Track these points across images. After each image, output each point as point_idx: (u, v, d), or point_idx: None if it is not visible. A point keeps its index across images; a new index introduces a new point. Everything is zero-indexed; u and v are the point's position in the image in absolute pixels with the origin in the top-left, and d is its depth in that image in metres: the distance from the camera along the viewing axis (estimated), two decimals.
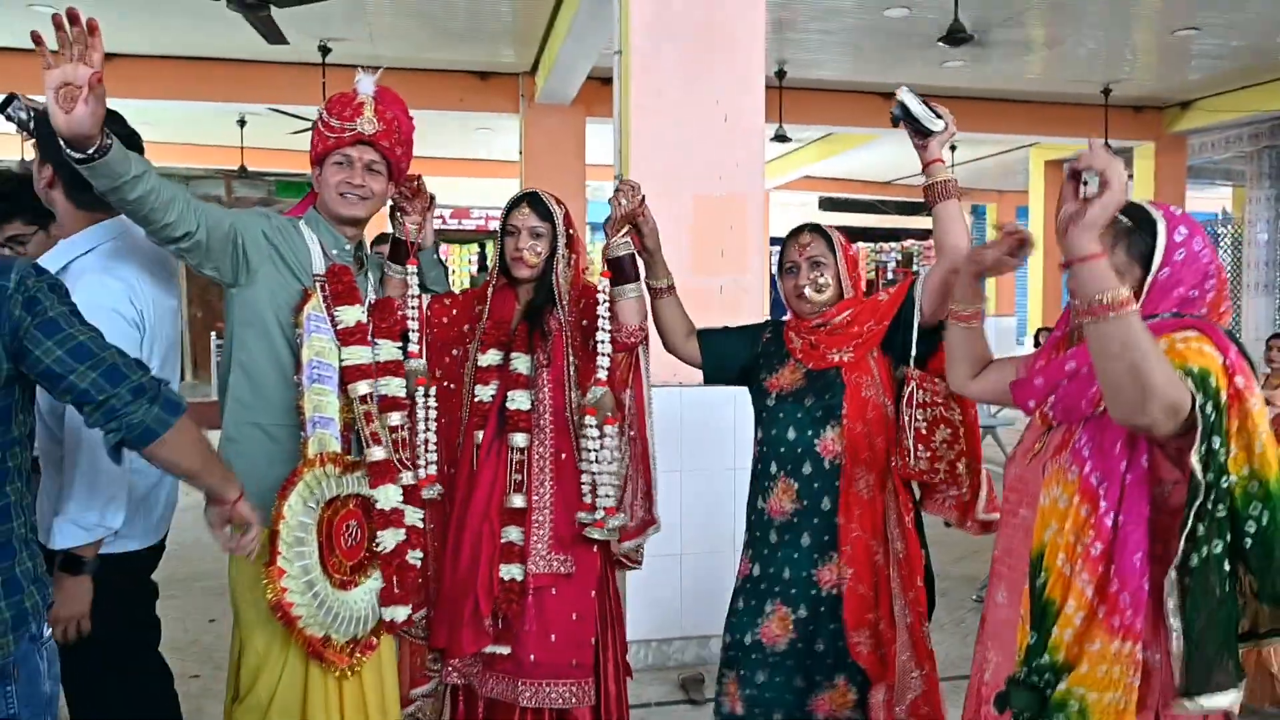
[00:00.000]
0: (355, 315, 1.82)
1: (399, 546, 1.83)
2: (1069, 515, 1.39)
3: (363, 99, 1.87)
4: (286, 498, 1.66)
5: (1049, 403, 1.51)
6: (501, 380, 2.06)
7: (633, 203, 1.98)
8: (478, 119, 8.51)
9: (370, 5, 6.15)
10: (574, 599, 2.05)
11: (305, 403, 1.73)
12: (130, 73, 7.28)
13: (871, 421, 1.94)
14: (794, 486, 1.97)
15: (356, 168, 1.87)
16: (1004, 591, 1.56)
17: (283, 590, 1.63)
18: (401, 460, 1.88)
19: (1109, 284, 1.25)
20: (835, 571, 1.94)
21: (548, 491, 2.05)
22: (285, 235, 1.85)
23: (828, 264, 2.00)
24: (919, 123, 1.82)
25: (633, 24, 3.50)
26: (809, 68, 7.68)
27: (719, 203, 3.57)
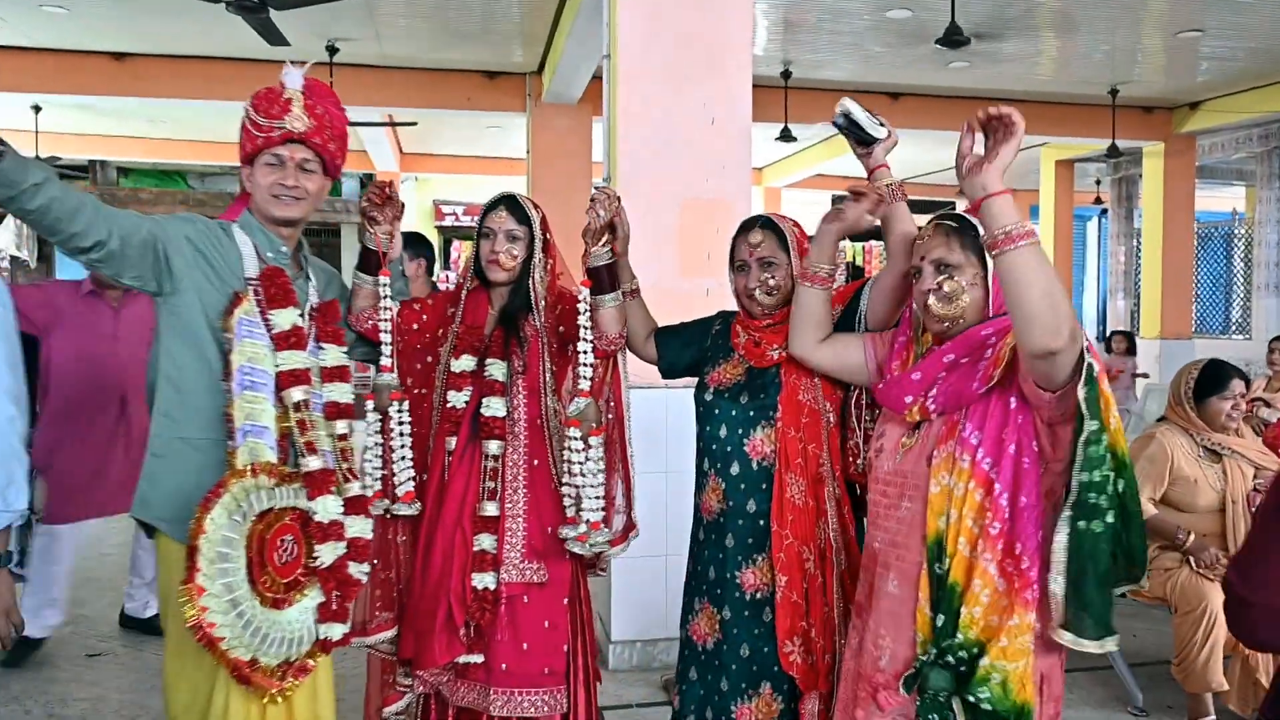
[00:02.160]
0: (290, 318, 1.74)
1: (338, 561, 1.74)
2: (965, 501, 1.46)
3: (290, 95, 1.77)
4: (208, 510, 1.56)
5: (930, 395, 1.56)
6: (476, 386, 2.02)
7: (610, 212, 1.93)
8: (487, 117, 8.50)
9: (378, 5, 6.15)
10: (547, 607, 2.01)
11: (235, 410, 1.65)
12: (141, 72, 7.33)
13: (806, 426, 1.86)
14: (721, 486, 1.91)
15: (289, 167, 1.79)
16: (894, 580, 1.58)
17: (202, 610, 1.53)
18: (348, 470, 1.80)
19: (1016, 215, 1.35)
20: (760, 575, 1.87)
21: (521, 499, 2.02)
22: (213, 239, 1.77)
23: (779, 264, 1.90)
24: (863, 130, 1.79)
25: (620, 27, 3.47)
26: (815, 68, 7.60)
27: (706, 205, 3.54)
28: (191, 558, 1.55)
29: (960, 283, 1.56)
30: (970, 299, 1.57)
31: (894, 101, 8.26)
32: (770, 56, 7.31)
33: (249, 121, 1.78)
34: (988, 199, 1.36)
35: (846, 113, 1.78)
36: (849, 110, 1.78)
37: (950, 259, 1.57)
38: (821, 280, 1.80)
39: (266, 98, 1.78)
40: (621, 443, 2.09)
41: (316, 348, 1.83)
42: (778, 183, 12.49)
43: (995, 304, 1.56)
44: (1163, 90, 8.46)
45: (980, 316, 1.58)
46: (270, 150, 1.78)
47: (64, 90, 7.58)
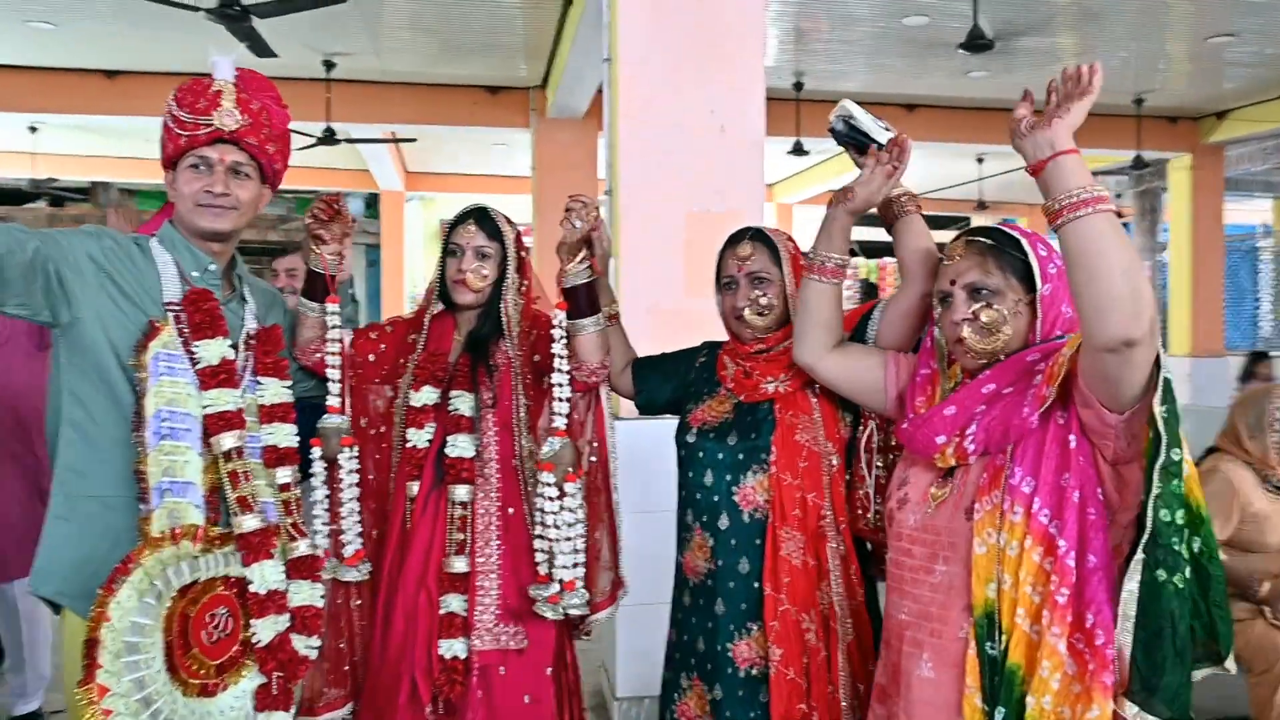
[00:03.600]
0: (218, 351, 1.48)
1: (279, 637, 1.49)
2: (1021, 563, 1.24)
3: (220, 86, 1.53)
4: (113, 593, 1.30)
5: (968, 434, 1.31)
6: (439, 422, 1.77)
7: (588, 223, 1.69)
8: (493, 134, 8.35)
9: (377, 19, 6.00)
10: (527, 678, 1.75)
11: (149, 465, 1.39)
12: (133, 90, 7.21)
13: (805, 471, 1.62)
14: (708, 542, 1.67)
15: (217, 172, 1.54)
16: (929, 661, 1.32)
17: (105, 713, 1.27)
18: (293, 526, 1.54)
19: (1089, 178, 1.17)
20: (754, 648, 1.62)
21: (494, 553, 1.76)
22: (124, 257, 1.51)
23: (772, 280, 1.68)
24: (865, 135, 1.58)
25: (621, 29, 3.27)
26: (829, 79, 7.42)
27: (715, 220, 3.31)
28: (91, 651, 1.28)
29: (1001, 311, 1.35)
30: (1013, 329, 1.35)
31: (910, 113, 8.07)
32: (781, 67, 7.12)
33: (170, 118, 1.54)
34: (1055, 158, 1.17)
35: (846, 115, 1.59)
36: (849, 113, 1.59)
37: (988, 283, 1.36)
38: (830, 272, 1.58)
39: (192, 90, 1.53)
40: (606, 489, 1.85)
41: (254, 382, 1.57)
42: (790, 199, 12.29)
43: (1044, 329, 1.35)
44: (1188, 99, 8.25)
45: (1022, 347, 1.37)
46: (195, 151, 1.53)
47: (57, 109, 7.50)
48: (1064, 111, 1.19)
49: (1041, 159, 1.19)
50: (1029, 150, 1.20)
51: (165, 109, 1.55)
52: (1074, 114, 1.19)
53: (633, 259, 3.26)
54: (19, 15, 6.00)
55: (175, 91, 1.55)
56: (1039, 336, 1.35)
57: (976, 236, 1.39)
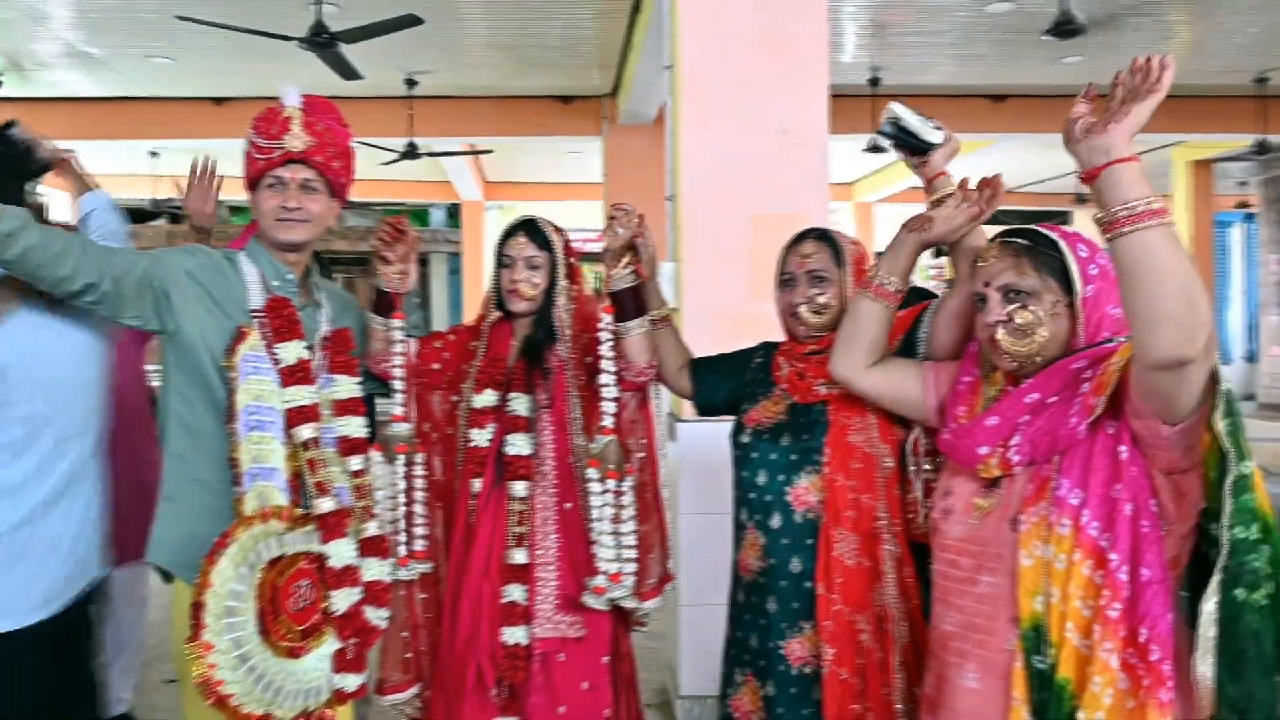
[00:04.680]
0: (295, 352, 1.69)
1: (353, 608, 1.68)
2: (1069, 576, 1.23)
3: (289, 113, 1.72)
4: (214, 563, 1.52)
5: (1012, 444, 1.32)
6: (499, 423, 1.92)
7: (631, 230, 1.82)
8: (567, 143, 8.60)
9: (456, 37, 6.30)
10: (585, 666, 1.89)
11: (241, 453, 1.61)
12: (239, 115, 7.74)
13: (858, 473, 1.66)
14: (760, 541, 1.73)
15: (290, 189, 1.73)
16: (974, 673, 1.33)
17: (210, 667, 1.49)
18: (364, 509, 1.74)
19: (1146, 188, 1.12)
20: (807, 647, 1.67)
21: (552, 546, 1.90)
22: (215, 271, 1.74)
23: (831, 280, 1.73)
24: (916, 137, 1.61)
25: (682, 36, 3.38)
26: (909, 73, 7.36)
27: (778, 223, 3.37)
28: (196, 614, 1.51)
29: (1037, 313, 1.34)
30: (1049, 332, 1.35)
31: (998, 104, 7.91)
32: (858, 63, 7.11)
33: (250, 144, 1.75)
34: (1111, 166, 1.13)
35: (895, 119, 1.62)
36: (898, 116, 1.62)
37: (1022, 284, 1.36)
38: (887, 295, 1.60)
39: (266, 118, 1.75)
40: (654, 484, 1.97)
41: (328, 380, 1.78)
42: (869, 198, 12.16)
43: (1088, 332, 1.35)
44: None
45: (1062, 351, 1.36)
46: (271, 172, 1.74)
47: (174, 135, 8.17)
48: (1122, 115, 1.13)
49: (1096, 166, 1.14)
50: (1083, 156, 1.16)
51: (246, 136, 1.78)
52: (1135, 117, 1.13)
53: (696, 263, 3.34)
54: (142, 52, 6.64)
55: (253, 120, 1.77)
56: (1083, 340, 1.34)
57: (1012, 237, 1.39)
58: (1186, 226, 10.16)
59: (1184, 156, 10.20)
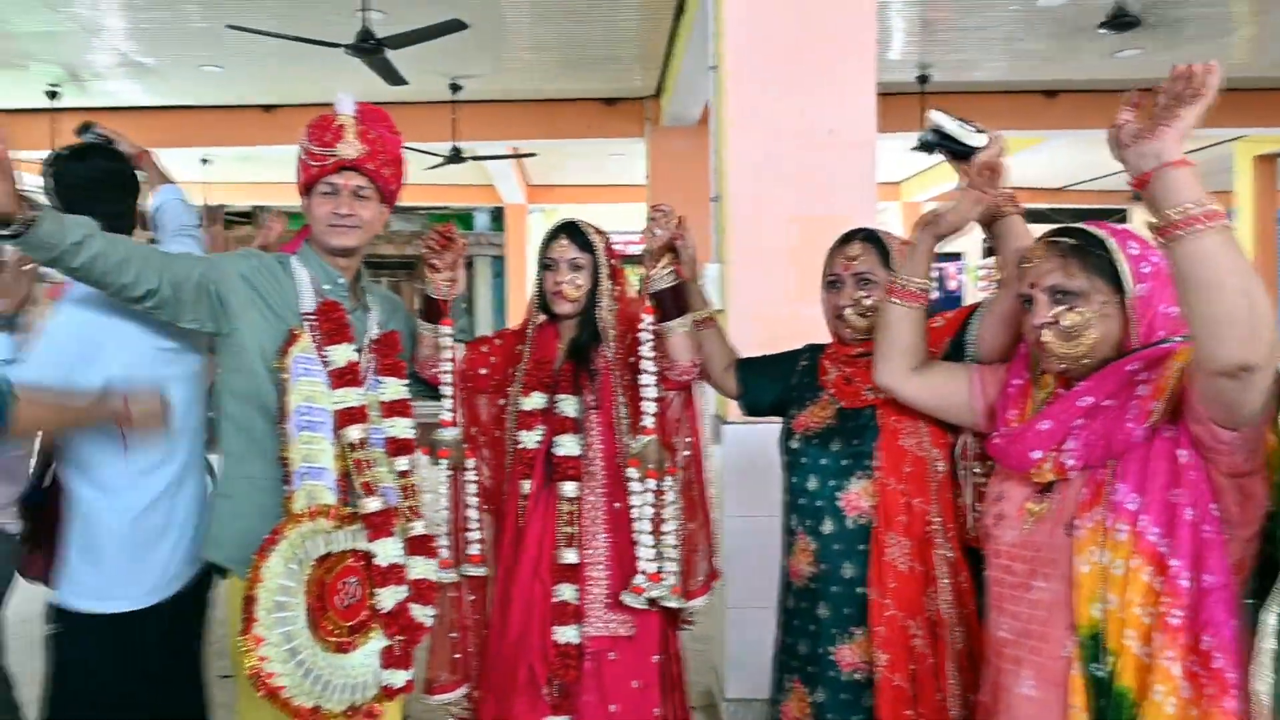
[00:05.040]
0: (345, 355, 1.73)
1: (399, 605, 1.72)
2: (1128, 583, 1.22)
3: (342, 121, 1.77)
4: (265, 558, 1.58)
5: (1066, 448, 1.30)
6: (547, 424, 1.96)
7: (669, 230, 1.85)
8: (610, 145, 8.65)
9: (499, 41, 6.38)
10: (635, 665, 1.92)
11: (292, 452, 1.66)
12: (288, 121, 7.96)
13: (910, 477, 1.65)
14: (812, 547, 1.73)
15: (343, 196, 1.78)
16: (1030, 680, 1.32)
17: (261, 660, 1.55)
18: (410, 509, 1.78)
19: (1200, 191, 1.10)
20: (858, 653, 1.67)
21: (602, 545, 1.93)
22: (269, 275, 1.79)
23: (878, 281, 1.72)
24: (957, 143, 1.61)
25: (727, 36, 3.37)
26: (958, 70, 7.27)
27: (824, 224, 3.35)
28: (248, 608, 1.57)
29: (1085, 314, 1.32)
30: (1099, 334, 1.33)
31: (1051, 100, 7.77)
32: (906, 60, 7.04)
33: (304, 151, 1.80)
34: (1162, 169, 1.11)
35: (937, 127, 1.62)
36: (939, 124, 1.62)
37: (1070, 285, 1.34)
38: (911, 297, 1.60)
39: (320, 125, 1.79)
40: (700, 482, 1.98)
41: (376, 381, 1.83)
42: (918, 197, 12.02)
43: (1142, 332, 1.33)
44: None
45: (1115, 352, 1.34)
46: (325, 179, 1.78)
47: (225, 143, 8.40)
48: (1171, 119, 1.11)
49: (1146, 171, 1.12)
50: (1132, 161, 1.14)
51: (299, 143, 1.82)
52: (1183, 120, 1.11)
53: (740, 265, 3.34)
54: (194, 61, 6.83)
55: (307, 127, 1.82)
56: (1136, 340, 1.32)
57: (1059, 237, 1.37)
58: (1249, 224, 9.87)
59: (1247, 152, 9.90)
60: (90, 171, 1.87)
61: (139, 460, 1.79)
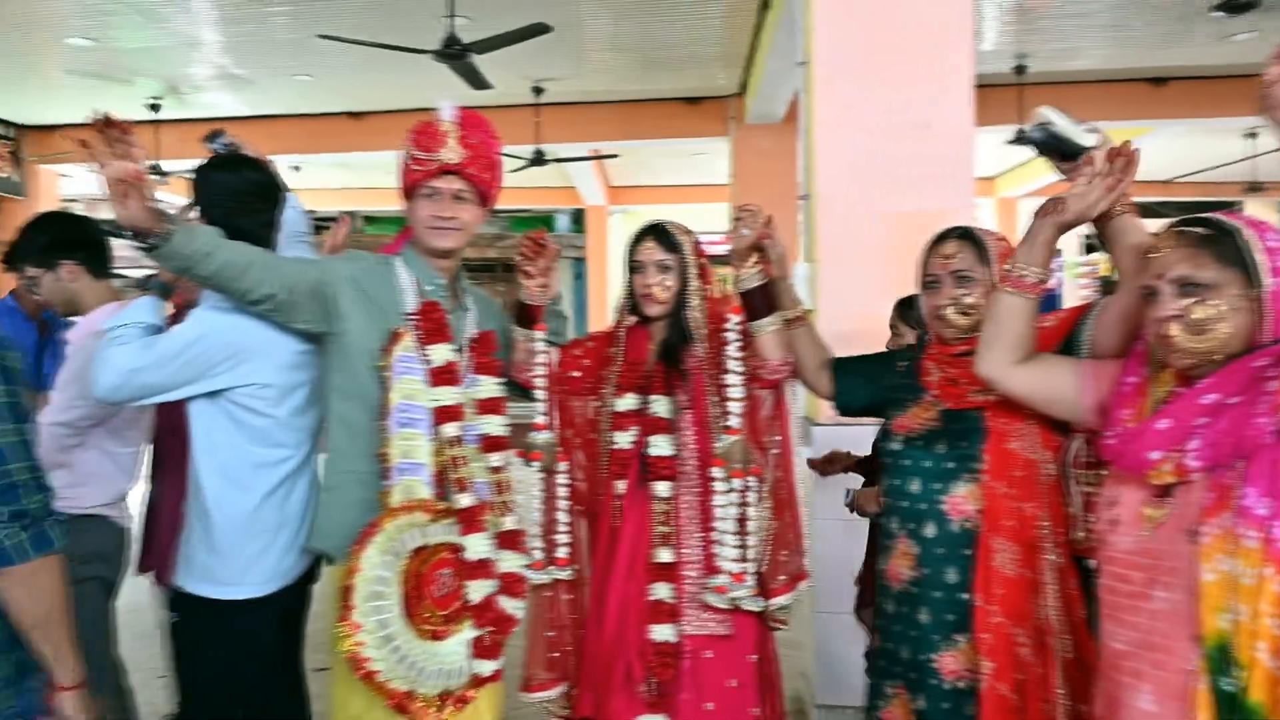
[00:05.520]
0: (444, 354, 1.81)
1: (488, 598, 1.79)
2: (1260, 593, 1.17)
3: (445, 127, 1.84)
4: (363, 549, 1.66)
5: (1189, 449, 1.25)
6: (640, 425, 1.98)
7: (756, 229, 1.85)
8: (692, 145, 8.65)
9: (581, 42, 6.45)
10: (732, 663, 1.92)
11: (391, 448, 1.73)
12: (374, 127, 8.22)
13: (1019, 481, 1.62)
14: (914, 551, 1.71)
15: (444, 199, 1.86)
16: (1150, 694, 1.27)
17: (358, 644, 1.63)
18: (503, 504, 1.84)
19: None
20: (961, 660, 1.64)
21: (697, 544, 1.94)
22: (374, 276, 1.87)
23: (977, 279, 1.70)
24: (1068, 142, 1.55)
25: (816, 30, 3.34)
26: (1057, 59, 7.04)
27: (919, 219, 3.29)
28: (346, 595, 1.65)
29: (1217, 307, 1.27)
30: (1231, 328, 1.27)
31: (1158, 88, 7.45)
32: (1001, 51, 6.85)
33: (408, 156, 1.87)
34: None
35: (1045, 124, 1.56)
36: (1048, 121, 1.56)
37: (1199, 277, 1.29)
38: (1027, 287, 1.55)
39: (424, 131, 1.86)
40: (789, 480, 1.98)
41: (472, 380, 1.88)
42: (1013, 192, 11.67)
43: (1274, 328, 1.27)
44: None
45: (1242, 349, 1.28)
46: (428, 183, 1.85)
47: (315, 150, 8.72)
48: None
49: None
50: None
51: (403, 147, 1.90)
52: None
53: (832, 264, 3.30)
54: (286, 71, 7.13)
55: (411, 133, 1.89)
56: (1268, 335, 1.27)
57: (1189, 227, 1.32)
58: None
59: None
60: (238, 182, 1.94)
61: (259, 454, 1.87)
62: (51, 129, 8.83)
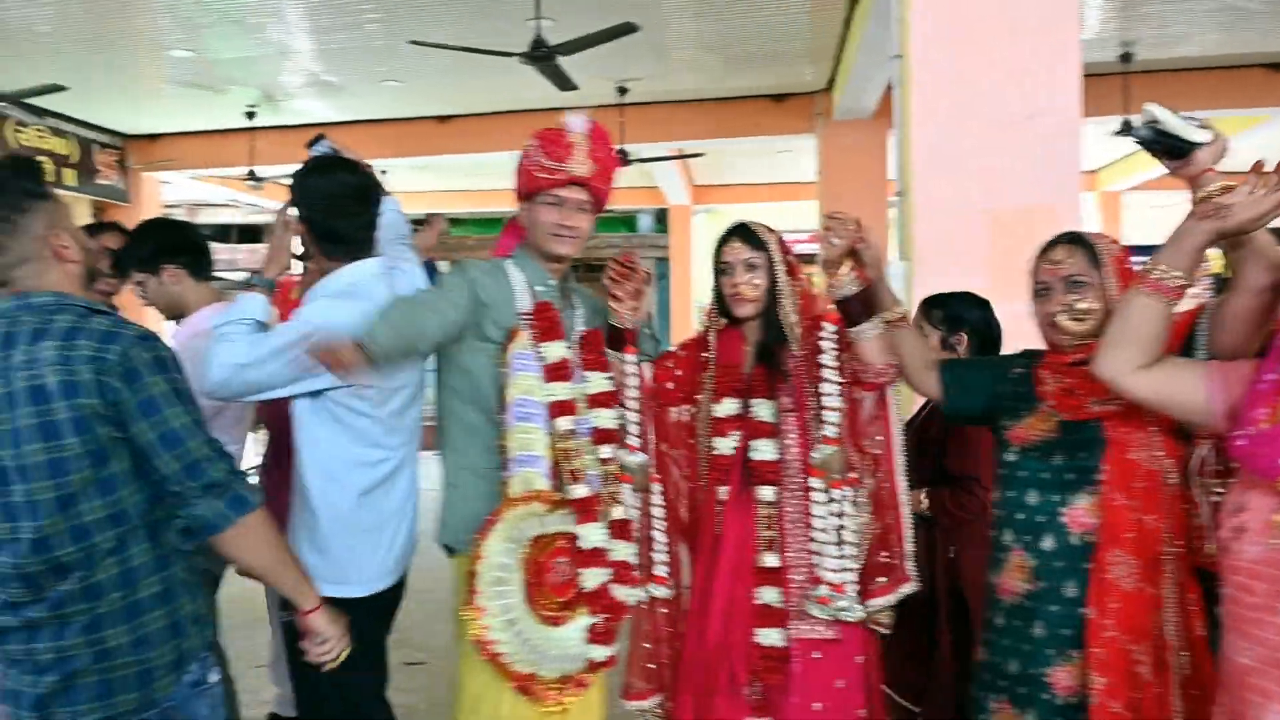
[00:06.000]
0: (559, 351, 1.90)
1: (601, 586, 1.87)
2: None
3: (574, 139, 1.93)
4: (486, 538, 1.77)
5: None
6: (743, 430, 1.99)
7: (848, 238, 1.84)
8: (778, 142, 8.60)
9: (665, 42, 6.47)
10: (839, 664, 1.94)
11: (510, 441, 1.83)
12: (461, 130, 8.41)
13: (1141, 493, 1.59)
14: (1029, 563, 1.69)
15: (569, 208, 1.95)
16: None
17: (484, 628, 1.75)
18: (612, 495, 1.92)
19: None
20: (1075, 675, 1.61)
21: (803, 548, 1.95)
22: (492, 281, 1.97)
23: (1090, 284, 1.68)
24: (1178, 139, 1.51)
25: (912, 23, 3.30)
26: (1165, 45, 6.75)
27: (1023, 215, 3.21)
28: (471, 582, 1.78)
29: None
30: None
31: (1275, 74, 7.09)
32: (1105, 38, 6.61)
33: (533, 162, 1.96)
34: None
35: (1153, 121, 1.53)
36: (1154, 117, 1.53)
37: None
38: (1168, 291, 1.50)
39: (553, 140, 1.95)
40: (891, 481, 1.96)
41: (581, 375, 1.97)
42: (1116, 186, 11.21)
43: None
44: None
45: None
46: (553, 191, 1.94)
47: (402, 154, 8.98)
48: None
49: None
50: None
51: (526, 151, 1.98)
52: None
53: (928, 262, 3.25)
54: (376, 77, 7.36)
55: (538, 140, 1.97)
56: None
57: None
58: None
59: None
60: (333, 185, 2.00)
61: (360, 453, 1.95)
62: (154, 138, 9.28)
